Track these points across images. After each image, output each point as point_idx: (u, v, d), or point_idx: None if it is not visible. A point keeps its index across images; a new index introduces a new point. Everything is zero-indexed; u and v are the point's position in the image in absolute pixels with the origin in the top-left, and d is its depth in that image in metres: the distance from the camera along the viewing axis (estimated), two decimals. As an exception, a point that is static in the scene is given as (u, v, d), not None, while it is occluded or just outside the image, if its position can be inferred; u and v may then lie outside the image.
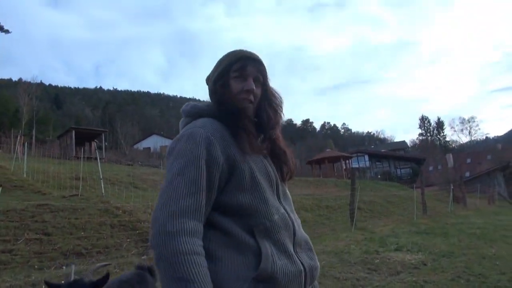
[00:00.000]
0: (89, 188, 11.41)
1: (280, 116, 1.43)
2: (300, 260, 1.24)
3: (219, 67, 1.37)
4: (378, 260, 6.34)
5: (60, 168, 13.45)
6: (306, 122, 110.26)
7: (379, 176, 44.11)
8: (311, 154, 52.02)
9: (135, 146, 49.49)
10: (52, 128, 51.31)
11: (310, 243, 1.38)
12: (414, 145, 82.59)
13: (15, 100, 42.93)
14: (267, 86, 1.40)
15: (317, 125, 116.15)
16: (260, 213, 1.19)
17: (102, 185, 9.93)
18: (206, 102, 1.38)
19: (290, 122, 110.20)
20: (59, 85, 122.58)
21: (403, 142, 77.53)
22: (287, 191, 1.43)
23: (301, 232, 1.34)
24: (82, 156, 12.96)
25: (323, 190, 22.22)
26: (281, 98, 1.45)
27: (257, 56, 1.38)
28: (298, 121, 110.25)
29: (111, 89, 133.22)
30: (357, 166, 48.86)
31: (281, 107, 1.44)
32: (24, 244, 5.98)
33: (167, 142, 52.26)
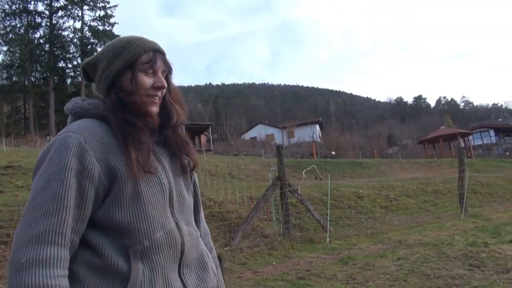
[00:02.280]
0: (191, 180, 12.19)
1: (185, 111, 1.27)
2: (184, 284, 1.10)
3: (118, 56, 1.14)
4: (485, 254, 5.48)
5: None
6: (419, 99, 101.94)
7: (507, 153, 38.59)
8: (426, 134, 48.10)
9: (242, 137, 51.68)
10: (170, 125, 56.50)
11: (207, 259, 1.22)
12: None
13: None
14: (170, 81, 1.23)
15: (432, 101, 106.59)
16: (138, 232, 1.03)
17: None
18: (92, 99, 1.16)
19: (400, 100, 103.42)
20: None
21: (540, 112, 66.60)
22: (187, 197, 1.22)
23: (196, 248, 1.18)
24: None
25: (436, 172, 20.35)
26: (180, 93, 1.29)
27: (163, 49, 1.21)
28: (409, 99, 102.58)
29: (220, 84, 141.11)
30: (480, 142, 43.57)
31: (183, 100, 1.28)
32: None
33: (271, 130, 53.48)
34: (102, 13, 44.29)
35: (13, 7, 41.20)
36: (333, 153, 33.56)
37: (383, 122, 79.31)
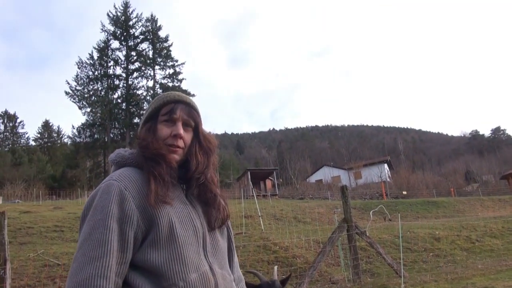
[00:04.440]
0: (257, 225, 12.22)
1: (212, 159, 1.34)
2: None
3: (147, 110, 1.33)
4: None
5: (233, 208, 14.87)
6: (497, 130, 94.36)
7: None
8: (509, 167, 44.04)
9: (307, 180, 51.05)
10: (236, 172, 57.74)
11: None
12: None
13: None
14: (199, 130, 1.33)
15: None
16: (173, 273, 1.10)
17: (261, 223, 10.50)
18: (132, 150, 1.31)
19: (475, 133, 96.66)
20: (239, 133, 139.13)
21: None
22: (221, 240, 1.32)
23: None
24: (242, 196, 13.99)
25: (525, 210, 18.33)
26: (215, 142, 1.37)
27: (188, 99, 1.33)
28: (485, 131, 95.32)
29: (283, 128, 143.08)
30: None
31: (214, 150, 1.35)
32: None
33: (337, 172, 52.27)
34: (171, 71, 48.22)
35: (96, 72, 46.31)
36: (405, 192, 31.76)
37: (459, 157, 73.97)
